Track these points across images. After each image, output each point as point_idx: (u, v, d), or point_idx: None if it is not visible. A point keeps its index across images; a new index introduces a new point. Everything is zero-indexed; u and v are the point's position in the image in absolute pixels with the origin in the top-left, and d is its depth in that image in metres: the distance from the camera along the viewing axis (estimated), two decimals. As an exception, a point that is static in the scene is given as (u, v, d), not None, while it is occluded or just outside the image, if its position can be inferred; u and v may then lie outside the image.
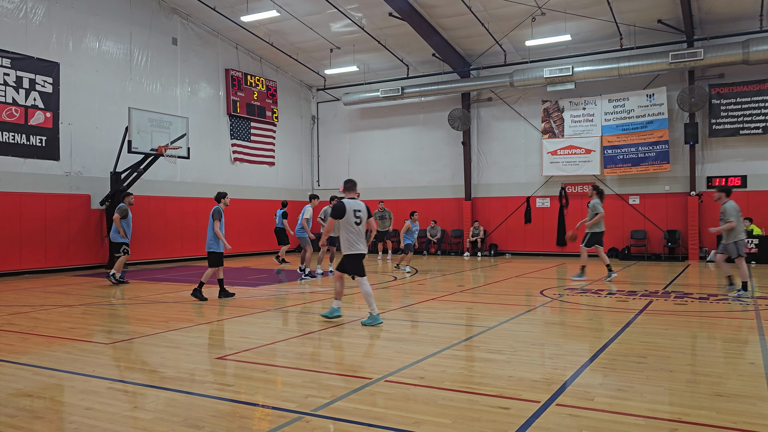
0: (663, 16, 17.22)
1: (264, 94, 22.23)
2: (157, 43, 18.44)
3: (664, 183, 18.87)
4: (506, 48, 19.88)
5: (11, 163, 14.68)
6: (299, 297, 10.56)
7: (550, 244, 20.37)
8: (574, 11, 17.17)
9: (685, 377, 5.12)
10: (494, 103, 21.36)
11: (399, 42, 20.30)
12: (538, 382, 4.96)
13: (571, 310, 9.08)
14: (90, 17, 16.56)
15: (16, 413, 4.32)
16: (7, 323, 8.09)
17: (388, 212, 18.73)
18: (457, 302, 9.96)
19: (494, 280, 12.65)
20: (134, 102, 17.04)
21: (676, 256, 18.41)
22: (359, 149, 23.96)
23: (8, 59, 14.59)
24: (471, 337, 7.05)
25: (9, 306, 9.78)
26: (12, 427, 4.03)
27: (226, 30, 20.26)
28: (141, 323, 8.13)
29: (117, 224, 12.44)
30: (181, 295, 10.97)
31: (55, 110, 15.57)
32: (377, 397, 4.62)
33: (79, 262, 16.05)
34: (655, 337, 6.83)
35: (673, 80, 18.47)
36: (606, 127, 19.27)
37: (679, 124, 18.45)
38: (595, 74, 18.41)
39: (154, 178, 17.68)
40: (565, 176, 19.99)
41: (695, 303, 9.43)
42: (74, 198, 15.96)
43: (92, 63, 16.62)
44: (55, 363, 5.80)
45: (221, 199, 10.40)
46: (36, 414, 4.32)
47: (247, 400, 4.61)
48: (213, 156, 20.31)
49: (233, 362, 5.82)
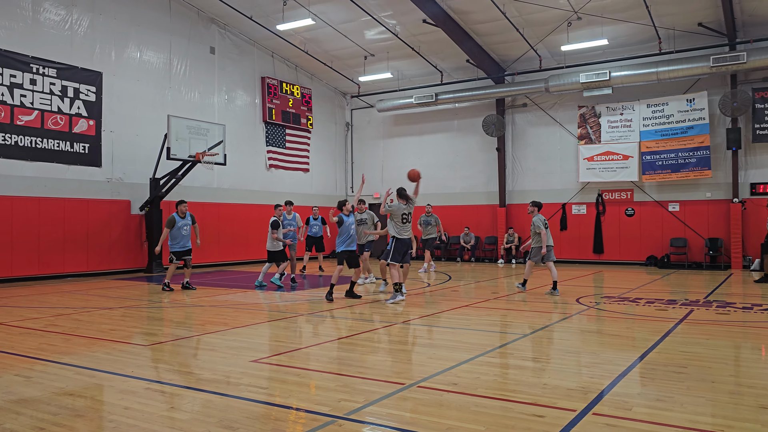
0: (704, 19, 16.85)
1: (299, 102, 22.48)
2: (195, 52, 18.84)
3: (705, 189, 18.40)
4: (541, 53, 19.70)
5: (56, 170, 15.14)
6: (334, 302, 10.60)
7: (587, 251, 20.04)
8: (611, 15, 16.92)
9: (727, 388, 4.97)
10: (529, 108, 21.17)
11: (433, 48, 20.31)
12: (573, 391, 4.88)
13: (608, 319, 8.91)
14: (132, 28, 17.01)
15: (58, 411, 4.44)
16: (51, 324, 8.33)
17: (434, 217, 16.63)
18: (491, 309, 9.87)
19: (529, 287, 12.50)
20: (173, 110, 17.42)
21: (718, 264, 17.92)
22: (393, 156, 24.01)
23: (54, 69, 15.08)
24: (505, 344, 6.98)
25: (53, 308, 10.07)
26: (55, 425, 4.15)
27: (262, 39, 20.58)
28: (178, 326, 8.27)
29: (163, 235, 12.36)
30: (217, 299, 11.13)
31: (98, 118, 16.02)
32: (410, 403, 4.61)
33: (120, 266, 16.43)
34: (696, 347, 6.66)
35: (714, 84, 18.03)
36: (644, 133, 18.91)
37: (720, 129, 17.99)
38: (632, 79, 18.09)
39: (192, 184, 18.02)
40: (602, 182, 19.66)
41: (738, 313, 9.16)
42: (115, 203, 16.37)
43: (133, 72, 17.06)
44: (96, 363, 5.94)
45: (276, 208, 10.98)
46: (77, 412, 4.44)
47: (281, 403, 4.65)
48: (249, 162, 20.60)
49: (268, 365, 5.87)
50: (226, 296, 11.55)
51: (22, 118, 14.44)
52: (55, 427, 4.10)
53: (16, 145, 14.33)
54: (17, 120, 14.35)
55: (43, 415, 4.35)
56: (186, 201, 12.73)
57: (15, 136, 14.31)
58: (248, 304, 10.60)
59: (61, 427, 4.10)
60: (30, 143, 14.59)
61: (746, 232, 17.59)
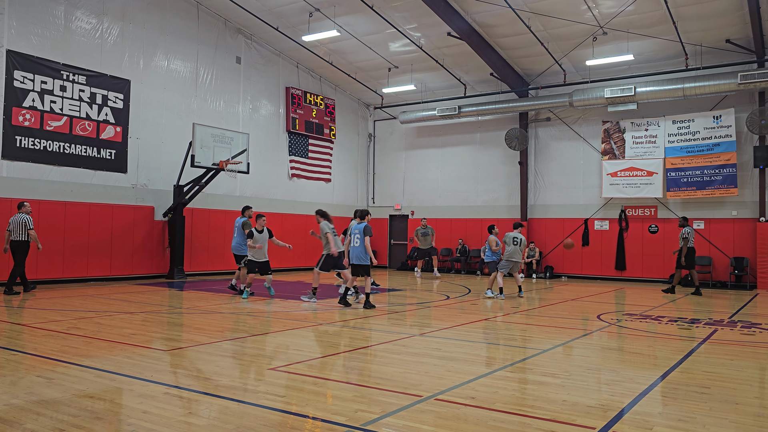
0: (731, 35, 16.66)
1: (322, 112, 22.63)
2: (221, 61, 19.10)
3: (731, 208, 18.10)
4: (566, 67, 19.62)
5: (83, 175, 15.41)
6: (352, 312, 10.60)
7: (609, 268, 19.80)
8: (637, 31, 16.82)
9: (752, 410, 4.86)
10: (553, 122, 21.07)
11: (456, 61, 20.34)
12: (593, 408, 4.81)
13: (629, 336, 8.78)
14: (160, 37, 17.32)
15: (78, 413, 4.50)
16: (74, 327, 8.44)
17: (430, 229, 19.41)
18: (511, 323, 9.79)
19: (549, 302, 12.37)
20: (198, 118, 17.66)
21: (743, 284, 17.57)
22: (415, 167, 24.03)
23: (84, 76, 15.39)
24: (524, 359, 6.91)
25: (76, 311, 10.22)
26: (74, 426, 4.19)
27: (287, 49, 20.80)
28: (198, 332, 8.33)
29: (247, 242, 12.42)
30: (237, 306, 11.20)
31: (125, 125, 16.30)
32: (427, 415, 4.58)
33: (142, 272, 16.63)
34: (720, 367, 6.52)
35: (741, 101, 17.77)
36: (669, 149, 18.69)
37: (747, 147, 17.71)
38: (658, 95, 17.92)
39: (215, 192, 18.21)
40: (626, 198, 19.46)
41: (764, 334, 8.96)
42: (139, 209, 16.59)
43: (161, 80, 17.35)
44: (116, 367, 6.01)
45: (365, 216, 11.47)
46: (96, 415, 4.48)
47: (297, 411, 4.65)
48: (272, 171, 20.76)
49: (285, 374, 5.88)
50: (245, 304, 11.60)
51: (52, 123, 14.75)
52: (74, 429, 4.14)
53: (45, 150, 14.63)
54: (47, 125, 14.65)
55: (63, 417, 4.41)
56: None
57: (44, 141, 14.61)
58: (266, 312, 10.64)
59: (81, 429, 4.14)
60: (58, 148, 14.88)
61: (773, 252, 17.24)
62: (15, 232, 12.25)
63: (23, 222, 12.26)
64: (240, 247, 13.08)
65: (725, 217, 18.16)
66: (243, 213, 13.36)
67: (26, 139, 14.29)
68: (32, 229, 12.35)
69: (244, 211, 13.38)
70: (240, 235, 13.07)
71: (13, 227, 12.28)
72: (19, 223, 12.25)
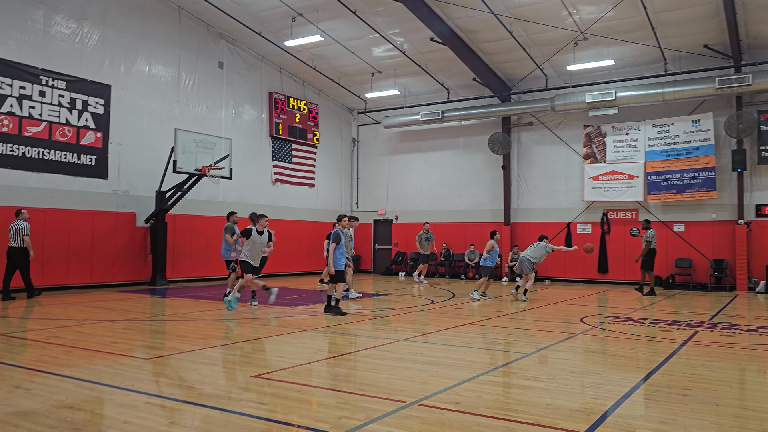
0: (709, 41, 16.91)
1: (306, 117, 22.59)
2: (204, 66, 19.00)
3: (710, 210, 18.35)
4: (547, 72, 19.79)
5: (62, 181, 15.22)
6: (337, 318, 10.56)
7: (591, 270, 19.96)
8: (617, 36, 17.01)
9: (732, 411, 4.92)
10: (535, 127, 21.22)
11: (440, 66, 20.43)
12: (576, 411, 4.83)
13: (612, 339, 8.85)
14: (141, 42, 17.19)
15: (57, 424, 4.42)
16: (53, 336, 8.32)
17: (432, 234, 19.07)
18: (495, 327, 9.82)
19: (533, 306, 12.43)
20: (180, 123, 17.53)
21: (723, 286, 17.81)
22: (398, 172, 24.06)
23: (63, 81, 15.22)
24: (508, 363, 6.93)
25: (55, 319, 10.07)
26: (53, 438, 4.12)
27: (270, 54, 20.75)
28: (180, 340, 8.26)
29: (229, 242, 12.59)
30: (220, 312, 11.11)
31: (105, 130, 16.13)
32: (411, 421, 4.57)
33: (124, 279, 16.44)
34: (701, 369, 6.59)
35: (719, 106, 18.05)
36: (650, 153, 18.91)
37: (726, 150, 17.98)
38: (638, 99, 18.14)
39: (198, 198, 18.08)
40: (607, 202, 19.64)
41: (743, 335, 9.08)
42: (120, 216, 16.42)
43: (142, 85, 17.21)
44: (96, 376, 5.93)
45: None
46: (76, 426, 4.42)
47: (281, 419, 4.62)
48: (255, 177, 20.67)
49: (269, 381, 5.84)
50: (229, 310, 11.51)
51: (30, 129, 14.55)
52: (53, 440, 4.08)
53: (24, 156, 14.43)
54: (25, 131, 14.46)
55: (41, 428, 4.33)
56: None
57: (23, 147, 14.41)
58: (250, 318, 10.57)
59: (60, 440, 4.08)
60: (37, 154, 14.69)
61: (751, 254, 17.51)
62: (14, 239, 12.67)
63: (20, 229, 12.64)
64: (228, 253, 13.00)
65: (705, 219, 18.40)
66: (228, 218, 13.28)
67: (4, 145, 14.07)
68: (27, 236, 12.69)
69: (229, 217, 13.31)
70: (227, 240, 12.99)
71: (12, 234, 12.69)
72: (17, 230, 12.65)
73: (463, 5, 16.26)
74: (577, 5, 15.93)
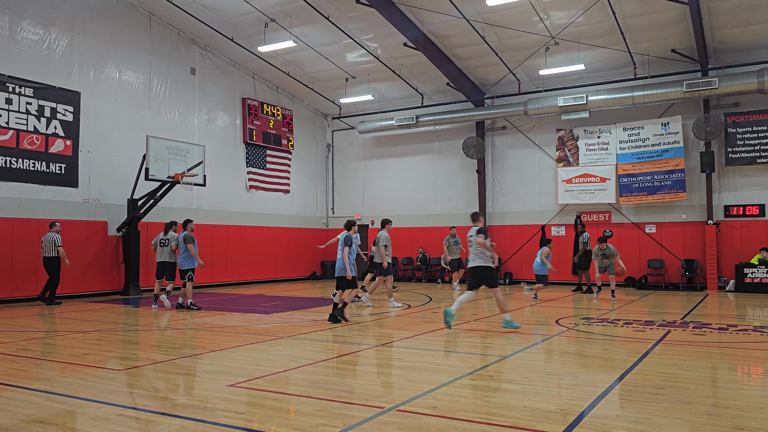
0: (677, 45, 17.26)
1: (280, 123, 22.49)
2: (175, 72, 18.80)
3: (680, 212, 18.69)
4: (520, 77, 20.00)
5: (31, 191, 14.91)
6: (314, 324, 10.51)
7: (566, 272, 20.14)
8: (587, 41, 17.27)
9: (704, 409, 5.00)
10: (508, 131, 21.41)
11: (413, 71, 20.51)
12: (553, 413, 4.87)
13: (587, 340, 8.94)
14: (111, 48, 16.94)
15: (27, 439, 4.31)
16: (22, 348, 8.13)
17: (459, 238, 17.68)
18: (472, 331, 9.86)
19: (509, 308, 12.49)
20: (152, 130, 17.31)
21: (694, 285, 18.14)
22: (374, 177, 24.07)
23: (31, 89, 14.93)
24: (485, 367, 6.96)
25: (24, 331, 9.84)
26: (23, 453, 4.02)
27: (243, 60, 20.62)
28: (154, 349, 8.13)
29: (192, 252, 12.74)
30: (194, 321, 10.97)
31: (75, 138, 15.86)
32: (389, 427, 4.55)
33: (95, 289, 16.15)
34: (674, 368, 6.70)
35: (688, 109, 18.42)
36: (621, 156, 19.20)
37: (694, 152, 18.35)
38: (609, 103, 18.43)
39: (171, 205, 17.84)
40: (581, 204, 19.88)
41: (714, 333, 9.26)
42: (91, 225, 16.13)
43: (112, 92, 16.96)
44: (68, 389, 5.80)
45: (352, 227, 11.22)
46: (47, 440, 4.31)
47: (259, 428, 4.57)
48: (229, 183, 20.49)
49: (245, 390, 5.78)
50: (204, 319, 11.39)
51: (-2, 137, 14.25)
52: (23, 456, 3.97)
53: (-9, 165, 14.12)
54: (-8, 140, 14.15)
55: (11, 443, 4.22)
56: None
57: (-11, 156, 14.10)
58: (225, 326, 10.45)
59: (30, 456, 3.98)
60: (4, 163, 14.38)
61: (721, 254, 17.87)
62: (46, 250, 13.76)
63: (53, 240, 13.73)
64: (184, 262, 12.89)
65: (675, 220, 18.74)
66: (185, 227, 13.16)
67: (-30, 154, 13.76)
68: (60, 246, 13.80)
69: (185, 225, 13.19)
70: (184, 249, 12.87)
71: (45, 245, 13.78)
72: (49, 241, 13.73)
73: (436, 10, 16.37)
74: (548, 10, 16.13)
